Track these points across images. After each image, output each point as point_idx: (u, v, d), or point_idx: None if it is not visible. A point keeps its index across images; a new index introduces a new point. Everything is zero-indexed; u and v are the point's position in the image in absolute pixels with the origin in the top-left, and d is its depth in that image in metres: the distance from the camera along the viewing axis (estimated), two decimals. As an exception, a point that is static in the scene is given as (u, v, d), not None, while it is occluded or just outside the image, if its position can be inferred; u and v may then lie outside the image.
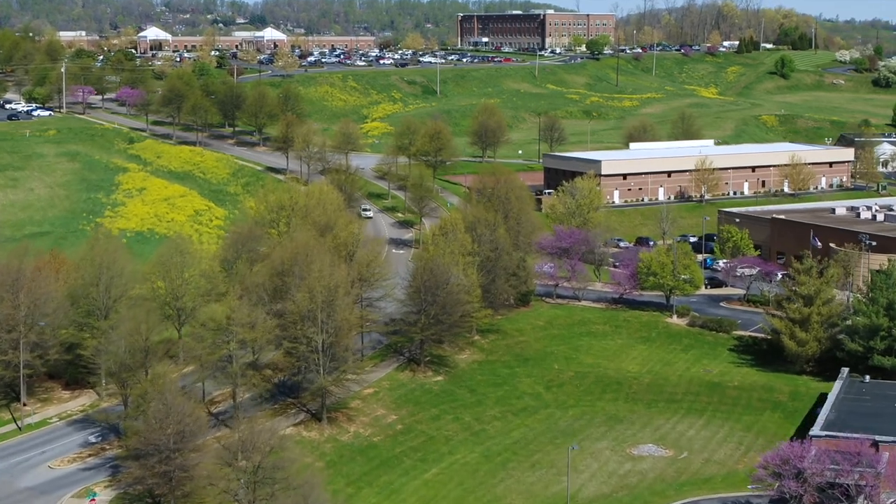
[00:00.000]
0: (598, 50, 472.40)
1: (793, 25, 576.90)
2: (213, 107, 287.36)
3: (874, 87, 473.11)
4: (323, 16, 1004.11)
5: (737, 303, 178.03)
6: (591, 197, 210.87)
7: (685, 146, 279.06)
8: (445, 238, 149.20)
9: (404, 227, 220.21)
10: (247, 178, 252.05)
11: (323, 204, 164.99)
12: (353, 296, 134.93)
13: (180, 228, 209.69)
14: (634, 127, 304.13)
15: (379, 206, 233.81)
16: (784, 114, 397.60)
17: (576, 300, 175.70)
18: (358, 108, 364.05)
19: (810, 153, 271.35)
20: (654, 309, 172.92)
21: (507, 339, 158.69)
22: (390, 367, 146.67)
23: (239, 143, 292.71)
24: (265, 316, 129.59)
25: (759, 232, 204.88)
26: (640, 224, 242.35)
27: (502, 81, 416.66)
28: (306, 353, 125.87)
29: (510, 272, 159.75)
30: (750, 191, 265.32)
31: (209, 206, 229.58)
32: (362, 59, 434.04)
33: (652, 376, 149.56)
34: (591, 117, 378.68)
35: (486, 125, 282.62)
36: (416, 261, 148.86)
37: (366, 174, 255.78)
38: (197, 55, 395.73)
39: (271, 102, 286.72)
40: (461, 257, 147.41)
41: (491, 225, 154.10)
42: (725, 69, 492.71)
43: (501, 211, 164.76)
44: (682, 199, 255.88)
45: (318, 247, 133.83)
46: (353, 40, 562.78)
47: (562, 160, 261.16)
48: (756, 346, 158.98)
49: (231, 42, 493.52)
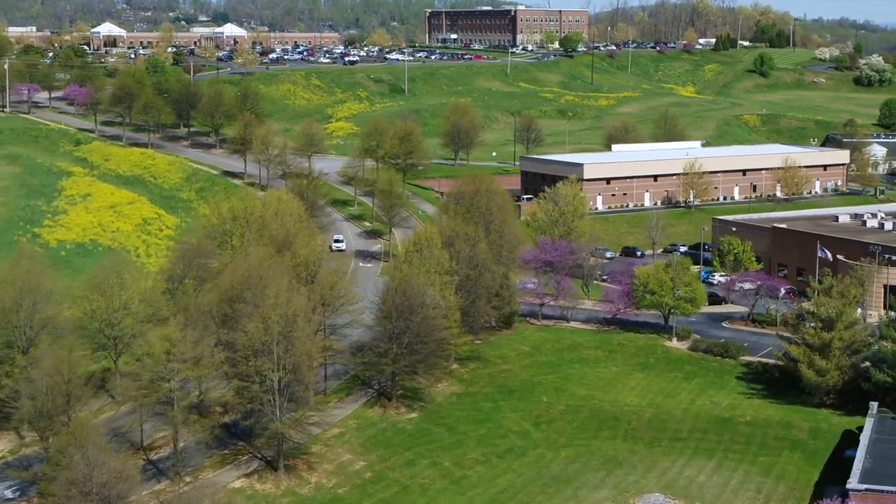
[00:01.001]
0: (571, 47, 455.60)
1: (769, 23, 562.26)
2: (167, 106, 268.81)
3: (856, 85, 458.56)
4: (287, 13, 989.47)
5: (740, 322, 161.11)
6: (575, 204, 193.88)
7: (671, 148, 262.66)
8: (420, 255, 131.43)
9: (372, 237, 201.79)
10: (201, 183, 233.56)
11: (282, 215, 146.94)
12: (315, 324, 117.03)
13: (126, 240, 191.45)
14: (615, 127, 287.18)
15: (344, 213, 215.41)
16: (766, 113, 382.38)
17: (564, 321, 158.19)
18: (322, 108, 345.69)
19: (804, 155, 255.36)
20: (650, 330, 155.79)
21: (489, 368, 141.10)
22: (357, 403, 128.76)
23: (194, 144, 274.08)
24: (213, 349, 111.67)
25: (757, 242, 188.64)
26: (625, 232, 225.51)
27: (473, 80, 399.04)
28: (260, 393, 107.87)
29: (492, 292, 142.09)
30: (741, 195, 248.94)
31: (159, 215, 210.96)
32: (326, 56, 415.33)
33: (653, 410, 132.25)
34: (567, 117, 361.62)
35: (459, 126, 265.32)
36: (386, 280, 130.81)
37: (330, 179, 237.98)
38: (152, 52, 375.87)
39: (229, 101, 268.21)
40: (438, 276, 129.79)
41: (471, 239, 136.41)
42: (702, 67, 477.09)
43: (482, 223, 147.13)
44: (670, 205, 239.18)
45: (274, 267, 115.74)
46: (318, 37, 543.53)
47: (540, 163, 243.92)
48: (767, 373, 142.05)
49: (189, 38, 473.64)
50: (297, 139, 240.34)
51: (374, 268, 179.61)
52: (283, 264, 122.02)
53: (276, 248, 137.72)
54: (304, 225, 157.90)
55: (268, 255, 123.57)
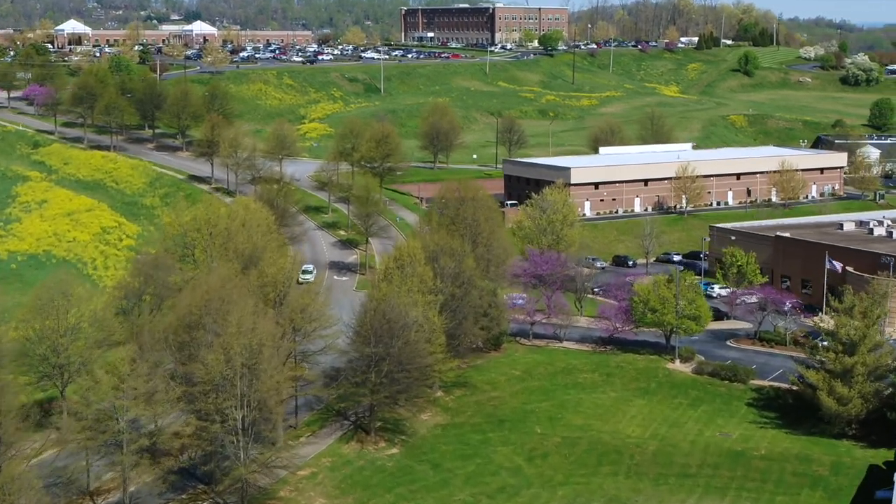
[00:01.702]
0: (551, 46, 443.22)
1: (752, 21, 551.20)
2: (130, 107, 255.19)
3: (843, 85, 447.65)
4: (260, 12, 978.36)
5: (747, 341, 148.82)
6: (563, 211, 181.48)
7: (661, 150, 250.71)
8: (401, 272, 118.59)
9: (347, 247, 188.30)
10: (166, 189, 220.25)
11: (249, 226, 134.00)
12: (284, 352, 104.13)
13: (82, 251, 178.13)
14: (600, 129, 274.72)
15: (318, 221, 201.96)
16: (753, 114, 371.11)
17: (556, 341, 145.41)
18: (295, 108, 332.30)
19: (800, 158, 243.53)
20: (650, 351, 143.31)
21: (476, 395, 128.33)
22: (332, 437, 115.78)
23: (159, 147, 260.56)
24: (168, 382, 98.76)
25: (758, 252, 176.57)
26: (615, 240, 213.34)
27: (451, 79, 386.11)
28: (221, 433, 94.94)
29: (480, 311, 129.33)
30: (735, 200, 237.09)
31: (119, 223, 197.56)
32: (299, 55, 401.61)
33: (657, 442, 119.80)
34: (549, 117, 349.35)
35: (438, 127, 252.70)
36: (364, 300, 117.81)
37: (303, 184, 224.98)
38: (118, 50, 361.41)
39: (196, 101, 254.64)
40: (420, 296, 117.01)
41: (457, 254, 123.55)
42: (685, 66, 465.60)
43: (468, 235, 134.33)
44: (661, 211, 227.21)
45: (237, 289, 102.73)
46: (290, 35, 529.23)
47: (525, 167, 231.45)
48: (780, 399, 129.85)
49: (158, 37, 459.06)
50: (269, 141, 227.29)
51: (349, 281, 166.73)
52: (248, 285, 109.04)
53: (243, 263, 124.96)
54: (274, 236, 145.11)
55: (231, 274, 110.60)
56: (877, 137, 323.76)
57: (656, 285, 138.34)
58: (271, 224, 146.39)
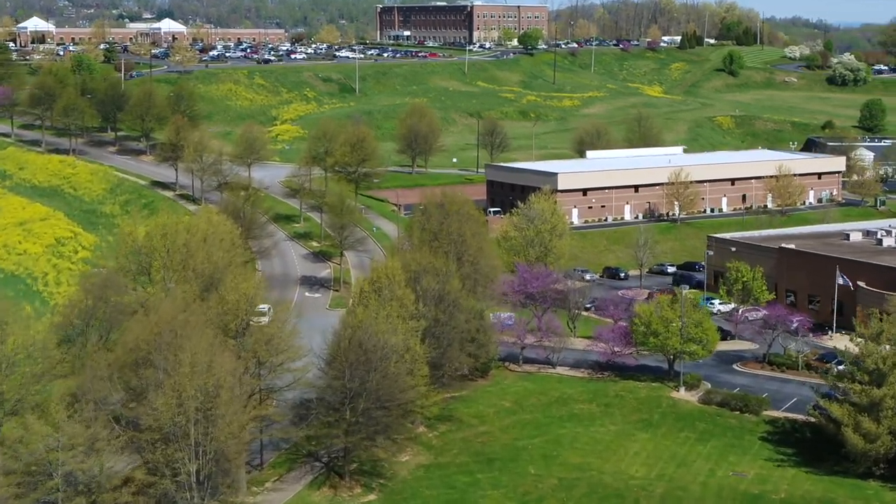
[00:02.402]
0: (531, 45, 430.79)
1: (735, 20, 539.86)
2: (91, 108, 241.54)
3: (829, 85, 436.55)
4: (233, 11, 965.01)
5: (755, 364, 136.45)
6: (552, 221, 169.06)
7: (651, 154, 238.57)
8: (379, 296, 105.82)
9: (320, 260, 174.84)
10: (127, 196, 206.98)
11: (210, 242, 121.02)
12: (246, 391, 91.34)
13: (33, 264, 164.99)
14: (586, 131, 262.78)
15: (288, 231, 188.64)
16: (740, 115, 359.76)
17: (549, 366, 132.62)
18: (266, 109, 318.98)
19: (797, 162, 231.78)
20: (652, 377, 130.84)
21: (463, 431, 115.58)
22: (301, 482, 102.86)
23: (122, 150, 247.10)
24: (113, 428, 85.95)
25: (761, 264, 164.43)
26: (605, 250, 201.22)
27: (428, 78, 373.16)
28: (172, 489, 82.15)
29: (466, 337, 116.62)
30: (729, 207, 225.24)
31: (75, 233, 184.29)
32: (271, 54, 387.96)
33: (665, 484, 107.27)
34: (531, 118, 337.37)
35: (416, 129, 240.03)
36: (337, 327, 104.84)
37: (273, 190, 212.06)
38: (82, 49, 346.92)
39: (160, 103, 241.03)
40: (401, 322, 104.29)
41: (441, 274, 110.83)
42: (669, 66, 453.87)
43: (453, 252, 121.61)
44: (653, 218, 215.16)
45: (193, 319, 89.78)
46: (262, 33, 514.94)
47: (509, 172, 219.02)
48: (797, 433, 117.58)
49: (125, 35, 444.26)
50: (238, 144, 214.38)
51: (322, 299, 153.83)
52: (206, 312, 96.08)
53: (202, 285, 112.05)
54: (239, 252, 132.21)
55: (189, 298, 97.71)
56: (869, 139, 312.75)
57: (658, 306, 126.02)
58: (236, 238, 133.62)
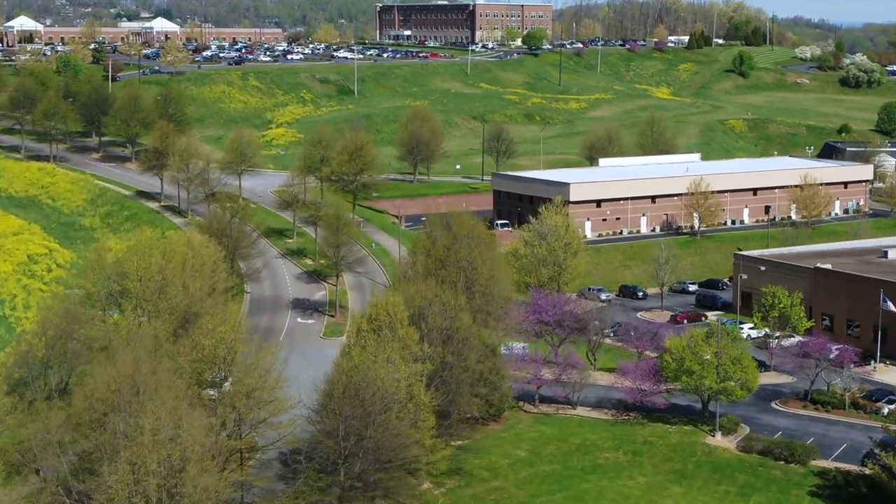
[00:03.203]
0: (535, 45, 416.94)
1: (743, 20, 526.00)
2: (73, 112, 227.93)
3: (842, 86, 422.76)
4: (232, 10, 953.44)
5: (796, 402, 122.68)
6: (567, 238, 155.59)
7: (667, 162, 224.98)
8: (378, 336, 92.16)
9: (314, 280, 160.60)
10: (108, 207, 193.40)
11: (189, 269, 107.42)
12: (222, 455, 77.74)
13: (1, 285, 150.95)
14: (597, 137, 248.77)
15: (281, 247, 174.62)
16: (753, 118, 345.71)
17: (568, 406, 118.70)
18: (261, 111, 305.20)
19: (822, 171, 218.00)
20: (683, 418, 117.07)
21: (473, 486, 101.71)
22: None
23: (106, 157, 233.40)
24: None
25: (793, 285, 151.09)
26: (621, 266, 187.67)
27: (429, 80, 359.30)
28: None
29: (477, 377, 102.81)
30: (751, 218, 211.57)
31: (50, 249, 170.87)
32: (267, 54, 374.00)
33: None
34: (536, 122, 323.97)
35: (418, 135, 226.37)
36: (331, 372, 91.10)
37: (266, 201, 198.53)
38: (70, 49, 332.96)
39: (147, 106, 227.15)
40: (403, 365, 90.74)
41: (449, 309, 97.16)
42: (677, 66, 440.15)
43: (462, 281, 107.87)
44: (670, 231, 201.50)
45: (161, 371, 76.16)
46: (258, 33, 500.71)
47: (517, 182, 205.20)
48: (851, 486, 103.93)
49: (117, 34, 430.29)
50: (227, 151, 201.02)
51: (315, 325, 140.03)
52: (177, 360, 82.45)
53: (177, 321, 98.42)
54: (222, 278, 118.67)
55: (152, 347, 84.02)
56: (890, 144, 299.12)
57: (692, 341, 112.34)
58: (220, 262, 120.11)
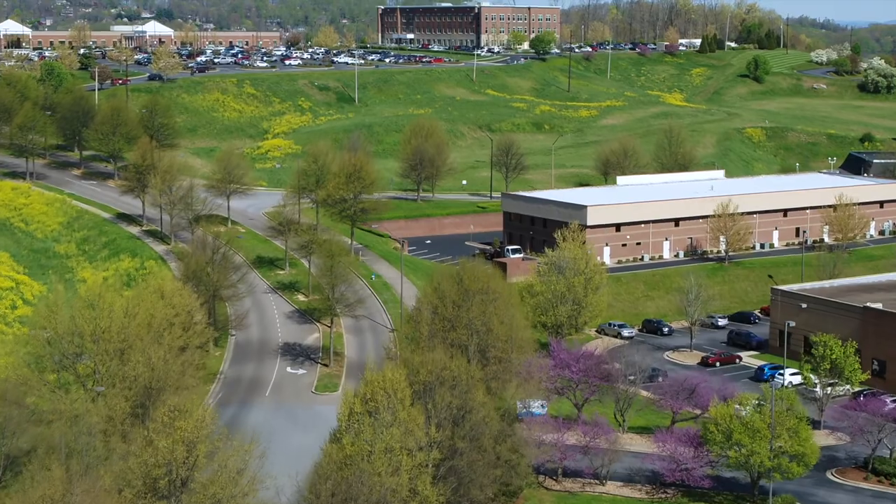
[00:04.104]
0: (543, 49, 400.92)
1: (756, 22, 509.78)
2: (52, 125, 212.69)
3: (861, 92, 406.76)
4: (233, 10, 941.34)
5: (856, 473, 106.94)
6: (588, 272, 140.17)
7: (690, 179, 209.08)
8: (376, 419, 76.70)
9: (307, 320, 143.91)
10: (85, 231, 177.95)
11: (154, 331, 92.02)
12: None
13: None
14: (612, 151, 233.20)
15: (271, 280, 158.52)
16: (770, 126, 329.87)
17: (596, 481, 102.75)
18: (256, 121, 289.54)
19: (857, 189, 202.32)
20: (730, 497, 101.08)
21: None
22: None
23: (88, 173, 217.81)
24: None
25: (839, 325, 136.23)
26: (643, 297, 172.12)
27: (433, 86, 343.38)
28: None
29: (495, 459, 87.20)
30: (781, 242, 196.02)
31: (18, 281, 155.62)
32: (264, 60, 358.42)
33: None
34: (545, 130, 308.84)
35: (422, 151, 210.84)
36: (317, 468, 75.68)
37: (257, 224, 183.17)
38: (56, 55, 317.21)
39: (132, 119, 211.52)
40: (405, 456, 75.39)
41: (461, 384, 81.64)
42: (689, 71, 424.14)
43: (475, 345, 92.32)
44: (695, 257, 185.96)
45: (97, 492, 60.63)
46: (255, 36, 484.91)
47: (529, 203, 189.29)
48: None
49: (109, 38, 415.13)
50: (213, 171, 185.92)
51: (306, 377, 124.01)
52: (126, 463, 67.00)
53: (137, 398, 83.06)
54: (199, 330, 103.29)
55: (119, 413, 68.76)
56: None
57: (745, 409, 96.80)
58: (195, 310, 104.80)
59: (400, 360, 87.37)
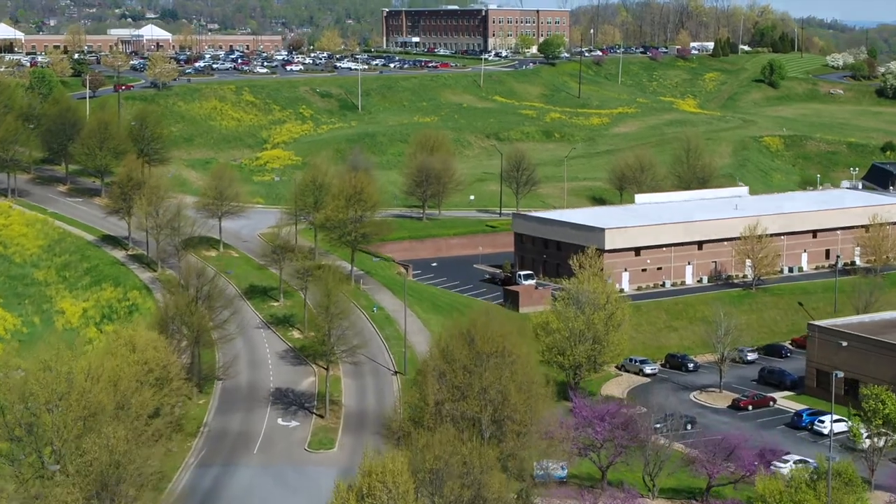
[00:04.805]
0: (552, 53, 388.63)
1: (769, 25, 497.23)
2: (34, 139, 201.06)
3: (879, 97, 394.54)
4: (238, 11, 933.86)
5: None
6: (610, 307, 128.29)
7: (712, 197, 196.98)
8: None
9: (302, 361, 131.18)
10: (67, 256, 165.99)
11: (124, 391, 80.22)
12: None
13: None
14: (627, 164, 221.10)
15: (264, 313, 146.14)
16: (788, 134, 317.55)
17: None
18: (255, 130, 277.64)
19: (890, 208, 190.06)
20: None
21: None
22: None
23: (74, 189, 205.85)
24: None
25: (881, 365, 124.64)
26: (665, 327, 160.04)
27: (439, 93, 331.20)
28: None
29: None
30: (810, 265, 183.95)
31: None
32: (264, 65, 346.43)
33: None
34: (555, 139, 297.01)
35: (428, 167, 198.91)
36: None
37: (251, 247, 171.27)
38: (47, 61, 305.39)
39: (120, 133, 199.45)
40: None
41: (473, 471, 69.65)
42: (702, 76, 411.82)
43: (488, 417, 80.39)
44: (720, 283, 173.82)
45: None
46: (256, 40, 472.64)
47: (542, 224, 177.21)
48: None
49: (105, 42, 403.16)
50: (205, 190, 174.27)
51: (299, 431, 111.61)
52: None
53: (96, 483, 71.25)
54: (175, 386, 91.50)
55: None
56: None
57: (792, 486, 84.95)
58: (172, 364, 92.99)
59: (402, 435, 75.30)
